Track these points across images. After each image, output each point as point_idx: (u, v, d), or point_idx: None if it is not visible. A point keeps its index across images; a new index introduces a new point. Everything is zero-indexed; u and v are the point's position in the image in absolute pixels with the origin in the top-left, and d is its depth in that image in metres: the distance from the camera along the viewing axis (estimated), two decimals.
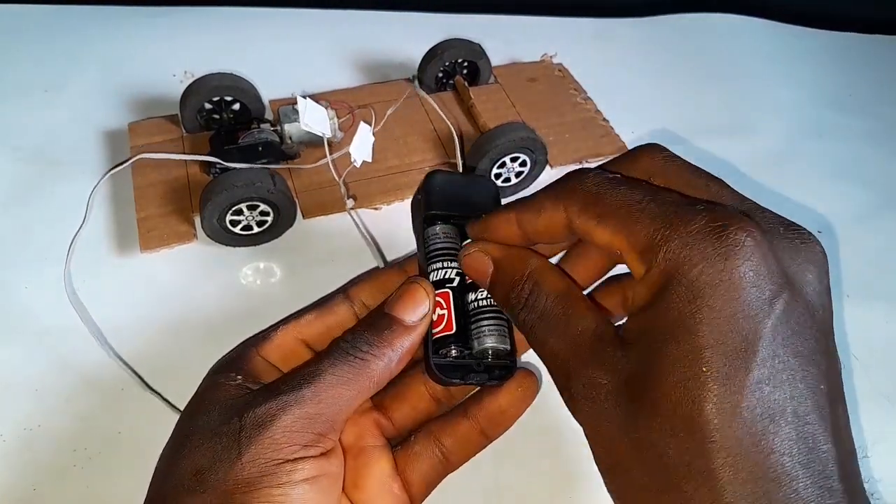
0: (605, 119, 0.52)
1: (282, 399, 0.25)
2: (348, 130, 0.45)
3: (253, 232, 0.42)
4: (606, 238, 0.23)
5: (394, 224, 0.45)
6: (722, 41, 0.65)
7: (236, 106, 0.47)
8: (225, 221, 0.41)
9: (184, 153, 0.46)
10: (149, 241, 0.41)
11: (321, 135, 0.42)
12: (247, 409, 0.25)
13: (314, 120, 0.42)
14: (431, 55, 0.52)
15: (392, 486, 0.29)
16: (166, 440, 0.34)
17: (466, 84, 0.52)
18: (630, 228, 0.22)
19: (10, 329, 0.38)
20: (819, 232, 0.48)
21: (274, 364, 0.28)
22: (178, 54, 0.56)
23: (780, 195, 0.50)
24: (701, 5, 0.67)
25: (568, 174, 0.25)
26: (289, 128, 0.44)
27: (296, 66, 0.57)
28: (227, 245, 0.42)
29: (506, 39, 0.62)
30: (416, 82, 0.54)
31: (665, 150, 0.25)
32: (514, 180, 0.47)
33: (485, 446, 0.30)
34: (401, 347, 0.27)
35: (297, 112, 0.42)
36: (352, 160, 0.43)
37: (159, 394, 0.36)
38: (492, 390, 0.30)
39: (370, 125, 0.44)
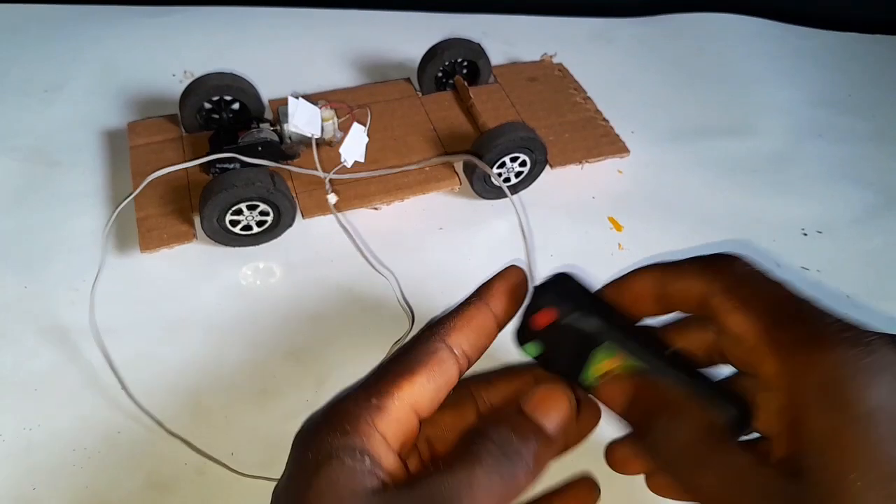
0: (604, 119, 0.52)
1: None
2: (348, 130, 0.45)
3: (253, 232, 0.42)
4: (742, 326, 0.22)
5: (392, 224, 0.45)
6: (722, 41, 0.65)
7: (236, 105, 0.47)
8: (224, 221, 0.41)
9: (184, 155, 0.45)
10: (149, 242, 0.41)
11: (310, 135, 0.42)
12: None
13: (304, 120, 0.42)
14: (431, 55, 0.52)
15: None
16: (166, 440, 0.34)
17: (466, 84, 0.52)
18: (775, 323, 0.21)
19: (10, 329, 0.38)
20: (819, 232, 0.48)
21: (391, 443, 0.22)
22: (178, 54, 0.56)
23: (781, 195, 0.50)
24: (701, 5, 0.67)
25: (717, 255, 0.24)
26: (288, 128, 0.44)
27: (296, 66, 0.57)
28: (226, 245, 0.42)
29: (506, 39, 0.62)
30: (416, 83, 0.53)
31: (751, 261, 0.24)
32: (513, 180, 0.47)
33: None
34: (545, 463, 0.22)
35: None
36: (342, 160, 0.43)
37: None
38: (550, 499, 0.27)
39: (365, 126, 0.44)
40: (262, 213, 0.41)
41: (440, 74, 0.53)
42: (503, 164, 0.45)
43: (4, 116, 0.50)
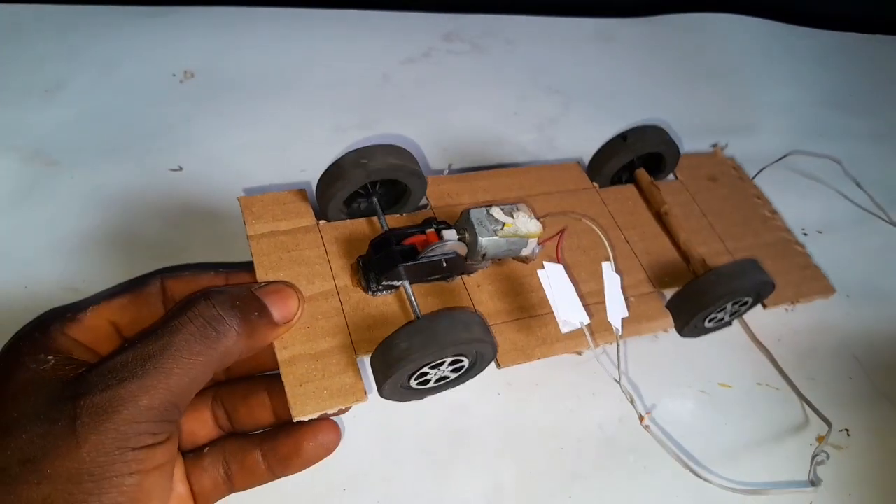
0: (798, 242, 0.46)
1: (126, 387, 0.23)
2: (550, 241, 0.36)
3: (436, 384, 0.32)
4: None
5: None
6: (722, 41, 0.65)
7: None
8: (409, 382, 0.31)
9: (328, 257, 0.34)
10: (304, 404, 0.29)
11: (580, 324, 0.32)
12: (81, 395, 0.23)
13: (568, 306, 0.32)
14: (617, 145, 0.42)
15: (178, 488, 0.29)
16: None
17: (652, 180, 0.43)
18: None
19: (11, 329, 0.38)
20: (819, 232, 0.48)
21: (84, 344, 0.27)
22: (178, 54, 0.56)
23: (781, 195, 0.50)
24: (701, 5, 0.67)
25: None
26: (486, 243, 0.33)
27: (298, 67, 0.57)
28: (398, 401, 0.32)
29: (506, 39, 0.62)
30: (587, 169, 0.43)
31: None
32: (726, 319, 0.39)
33: (270, 481, 0.30)
34: (259, 344, 0.27)
35: (495, 221, 0.33)
36: (615, 331, 0.33)
37: None
38: (289, 432, 0.30)
39: (611, 262, 0.34)
40: (455, 363, 0.31)
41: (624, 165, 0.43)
42: (723, 308, 0.37)
43: (4, 116, 0.50)
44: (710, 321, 0.38)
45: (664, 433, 0.37)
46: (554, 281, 0.33)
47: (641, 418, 0.34)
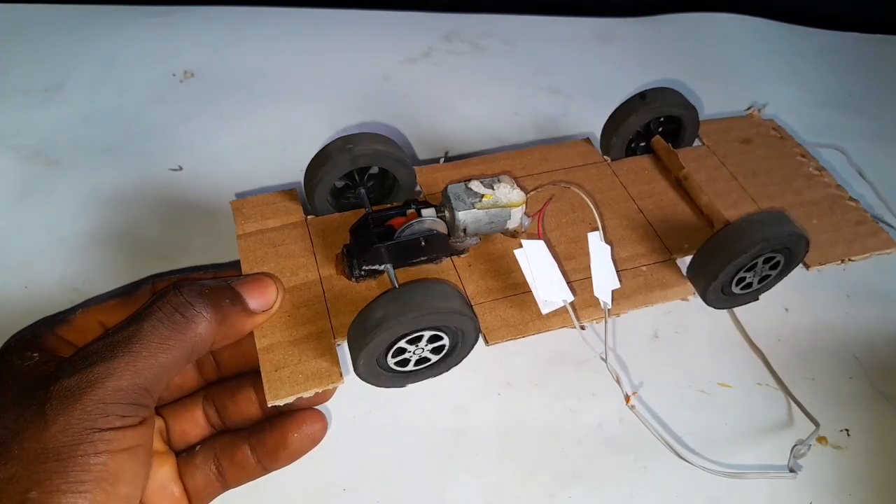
0: (852, 198, 0.42)
1: (95, 370, 0.24)
2: (536, 214, 0.36)
3: (423, 366, 0.32)
4: None
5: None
6: (722, 41, 0.65)
7: (374, 170, 0.36)
8: (387, 361, 0.30)
9: (313, 249, 0.35)
10: (278, 388, 0.29)
11: (563, 302, 0.31)
12: (53, 380, 0.24)
13: (548, 283, 0.31)
14: (629, 108, 0.40)
15: (172, 488, 0.29)
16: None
17: (670, 146, 0.41)
18: None
19: (10, 329, 0.38)
20: None
21: (72, 343, 0.28)
22: (178, 54, 0.56)
23: None
24: (701, 5, 0.67)
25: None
26: (464, 217, 0.32)
27: (299, 67, 0.57)
28: (380, 387, 0.32)
29: (506, 39, 0.62)
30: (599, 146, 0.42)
31: None
32: (755, 286, 0.36)
33: (262, 475, 0.31)
34: (236, 332, 0.28)
35: (473, 194, 0.32)
36: (602, 304, 0.32)
37: None
38: (275, 424, 0.30)
39: (599, 231, 0.33)
40: (434, 340, 0.30)
41: (640, 132, 0.41)
42: (752, 267, 0.34)
43: (5, 116, 0.50)
44: (737, 285, 0.35)
45: (653, 416, 0.37)
46: (533, 259, 0.31)
47: (627, 398, 0.33)
